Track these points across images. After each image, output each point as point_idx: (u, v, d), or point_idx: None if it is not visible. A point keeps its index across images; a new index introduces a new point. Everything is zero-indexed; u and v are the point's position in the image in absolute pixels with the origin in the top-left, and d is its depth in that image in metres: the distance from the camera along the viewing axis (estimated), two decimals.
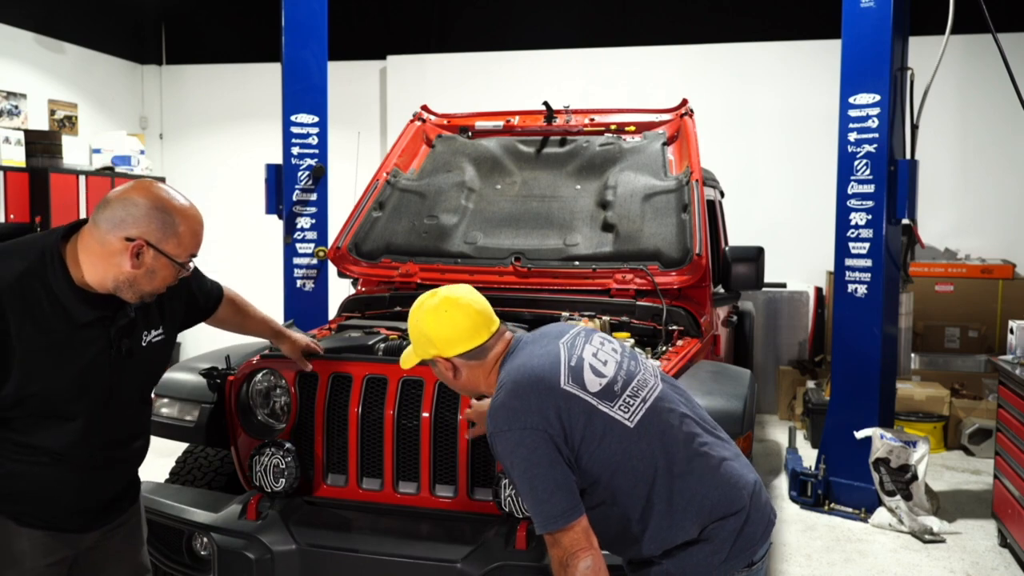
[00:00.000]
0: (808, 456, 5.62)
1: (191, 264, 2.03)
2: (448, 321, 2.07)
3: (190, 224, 1.98)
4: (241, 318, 2.62)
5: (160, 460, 3.23)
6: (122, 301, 1.99)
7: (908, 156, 5.06)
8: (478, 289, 3.77)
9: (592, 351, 2.07)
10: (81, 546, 2.10)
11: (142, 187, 1.96)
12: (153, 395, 2.82)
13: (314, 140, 5.77)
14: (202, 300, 2.39)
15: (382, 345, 3.11)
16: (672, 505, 1.96)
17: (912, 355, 6.54)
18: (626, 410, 1.98)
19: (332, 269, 4.57)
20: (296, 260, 5.83)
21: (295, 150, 5.75)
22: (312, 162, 5.76)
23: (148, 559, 2.36)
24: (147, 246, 1.92)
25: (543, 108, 4.60)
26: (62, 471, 1.99)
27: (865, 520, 4.88)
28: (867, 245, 4.91)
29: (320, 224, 5.82)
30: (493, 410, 1.95)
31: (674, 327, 3.58)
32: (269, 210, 5.83)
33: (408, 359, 2.21)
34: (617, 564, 2.48)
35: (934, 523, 4.65)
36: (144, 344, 2.10)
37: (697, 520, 1.97)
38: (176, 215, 1.95)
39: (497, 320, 2.14)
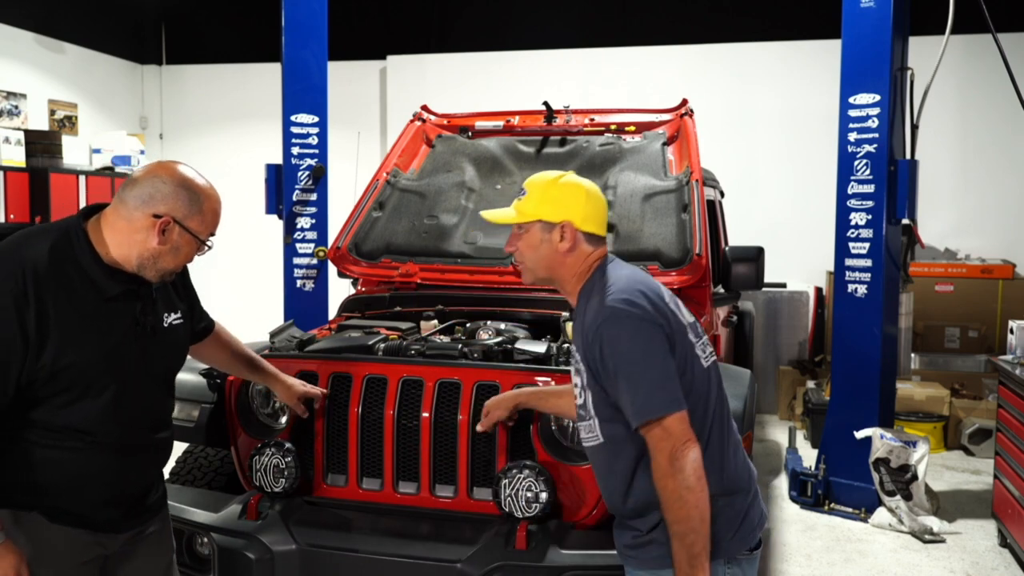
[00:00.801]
0: (808, 456, 5.62)
1: (211, 242, 2.09)
2: (597, 201, 2.15)
3: (212, 203, 2.06)
4: (228, 354, 2.59)
5: None
6: (144, 278, 2.05)
7: (908, 156, 5.06)
8: (478, 290, 3.83)
9: (670, 294, 2.11)
10: (111, 547, 2.12)
11: (167, 166, 2.03)
12: None
13: (314, 140, 5.78)
14: (196, 320, 2.41)
15: (382, 345, 3.11)
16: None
17: (912, 355, 6.54)
18: (703, 351, 2.06)
19: (332, 269, 4.57)
20: (296, 260, 5.83)
21: (295, 150, 5.75)
22: (312, 162, 5.76)
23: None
24: (173, 223, 1.99)
25: (543, 108, 4.60)
26: (91, 457, 2.01)
27: (865, 520, 4.88)
28: (867, 245, 4.91)
29: (320, 224, 5.82)
30: (611, 301, 1.96)
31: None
32: (269, 210, 5.83)
33: (507, 216, 2.19)
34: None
35: (934, 523, 4.65)
36: (166, 325, 2.16)
37: (712, 481, 1.96)
38: (200, 193, 2.03)
39: None
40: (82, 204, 7.63)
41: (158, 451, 2.23)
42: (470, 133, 4.64)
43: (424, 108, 4.85)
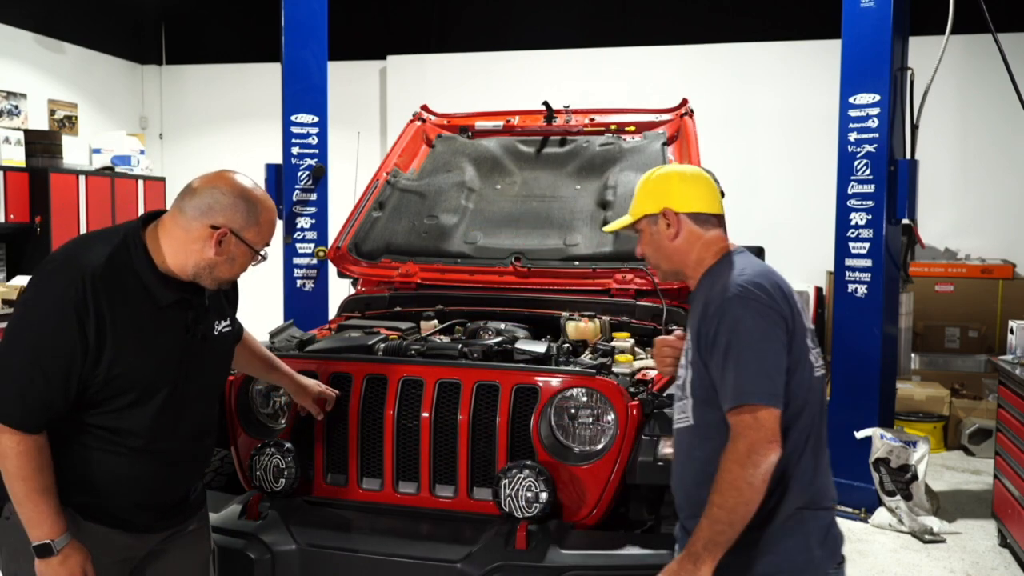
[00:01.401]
0: None
1: (265, 252, 2.12)
2: (693, 181, 2.15)
3: (269, 214, 2.09)
4: (250, 355, 2.61)
5: None
6: (197, 286, 2.07)
7: (908, 156, 5.06)
8: (478, 289, 3.83)
9: (796, 296, 2.08)
10: (142, 548, 2.13)
11: (226, 177, 2.05)
12: None
13: (314, 140, 5.78)
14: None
15: (382, 345, 3.11)
16: (791, 466, 1.94)
17: (912, 355, 6.53)
18: (816, 360, 2.02)
19: (332, 269, 4.57)
20: (296, 260, 5.83)
21: (295, 150, 5.75)
22: (312, 162, 5.76)
23: None
24: (231, 234, 2.01)
25: (543, 108, 4.60)
26: (136, 462, 2.02)
27: (865, 520, 4.88)
28: (867, 245, 4.91)
29: (320, 224, 5.82)
30: (742, 281, 1.95)
31: (674, 327, 3.58)
32: None
33: (621, 221, 2.22)
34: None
35: (934, 523, 4.65)
36: (216, 333, 2.18)
37: (802, 495, 1.95)
38: (258, 205, 2.05)
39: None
40: (82, 204, 7.65)
41: (199, 458, 2.26)
42: (470, 133, 4.64)
43: (424, 108, 4.84)
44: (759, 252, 4.20)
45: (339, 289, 5.03)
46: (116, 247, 1.98)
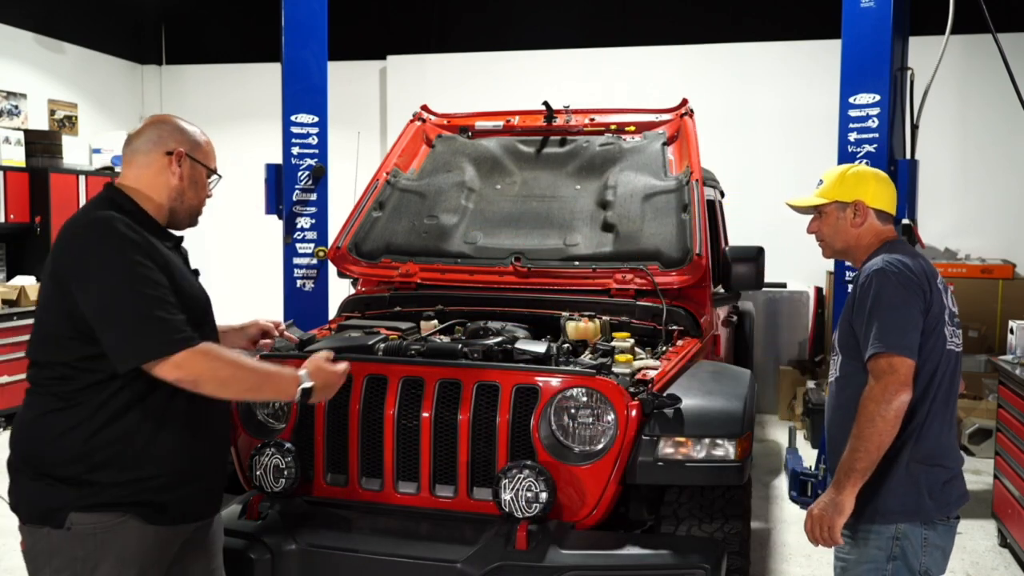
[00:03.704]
0: (808, 456, 5.61)
1: (220, 174, 2.29)
2: (886, 184, 2.52)
3: (207, 138, 2.29)
4: None
5: None
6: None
7: (908, 156, 5.06)
8: (478, 289, 3.83)
9: (943, 281, 2.40)
10: (179, 542, 2.16)
11: (160, 116, 2.25)
12: None
13: (314, 140, 5.77)
14: None
15: (382, 345, 3.11)
16: (910, 425, 2.24)
17: None
18: (952, 336, 2.34)
19: (332, 269, 4.57)
20: (296, 260, 5.82)
21: (295, 150, 5.74)
22: (312, 162, 5.76)
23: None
24: (185, 156, 2.18)
25: (543, 108, 4.60)
26: (189, 433, 2.08)
27: None
28: None
29: (320, 224, 5.81)
30: (890, 259, 2.29)
31: (674, 327, 3.58)
32: (269, 210, 5.82)
33: (810, 200, 2.55)
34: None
35: None
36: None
37: (916, 451, 2.25)
38: (196, 130, 2.25)
39: None
40: (82, 204, 7.64)
41: (226, 421, 2.31)
42: (470, 133, 4.64)
43: (424, 108, 4.84)
44: (759, 252, 4.22)
45: (339, 289, 5.03)
46: (112, 207, 2.07)
